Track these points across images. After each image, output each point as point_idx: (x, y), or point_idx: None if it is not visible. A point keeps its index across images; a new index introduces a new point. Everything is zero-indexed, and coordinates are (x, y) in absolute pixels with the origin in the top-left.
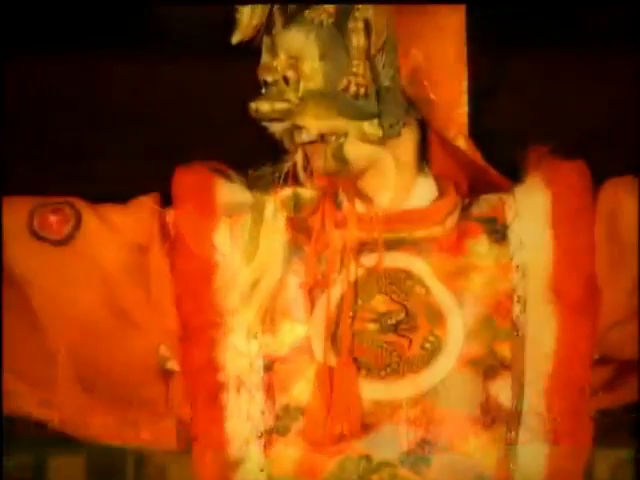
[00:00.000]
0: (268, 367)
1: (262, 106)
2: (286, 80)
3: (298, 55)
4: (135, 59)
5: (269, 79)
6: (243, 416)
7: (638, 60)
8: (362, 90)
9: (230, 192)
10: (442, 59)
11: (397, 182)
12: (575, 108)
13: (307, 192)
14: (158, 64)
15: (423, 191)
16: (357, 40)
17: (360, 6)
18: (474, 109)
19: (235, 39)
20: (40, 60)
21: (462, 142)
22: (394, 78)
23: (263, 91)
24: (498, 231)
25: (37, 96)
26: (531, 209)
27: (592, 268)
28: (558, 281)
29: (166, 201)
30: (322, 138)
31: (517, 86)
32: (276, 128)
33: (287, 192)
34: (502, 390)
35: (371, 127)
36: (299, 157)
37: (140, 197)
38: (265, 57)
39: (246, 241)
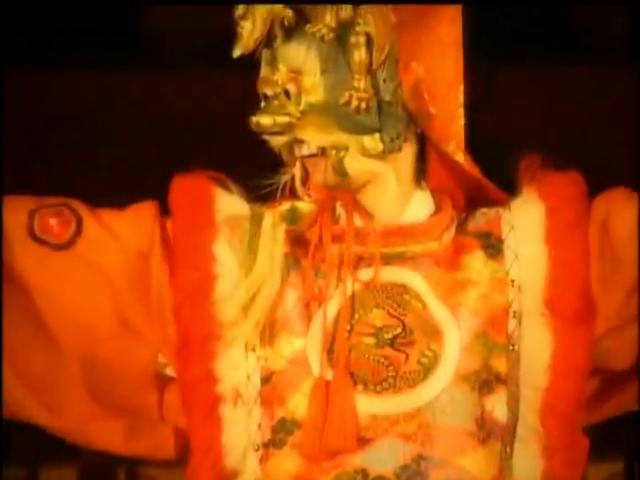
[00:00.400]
0: (266, 380)
1: (263, 120)
2: (287, 94)
3: (299, 69)
4: (135, 71)
5: (269, 92)
6: (240, 429)
7: (636, 72)
8: (363, 104)
9: (228, 203)
10: (441, 72)
11: (396, 196)
12: (573, 120)
13: (305, 205)
14: (157, 76)
15: (420, 206)
16: (359, 55)
17: (361, 20)
18: (471, 122)
19: (236, 53)
20: (40, 72)
21: (460, 156)
22: (395, 92)
23: (262, 104)
24: (493, 246)
25: (37, 108)
26: (526, 223)
27: (587, 281)
28: (553, 295)
29: (165, 212)
30: (322, 152)
31: (514, 98)
32: (277, 142)
33: (285, 205)
34: (497, 405)
35: (372, 141)
36: (297, 170)
37: (139, 203)
38: (265, 70)
39: (244, 253)
